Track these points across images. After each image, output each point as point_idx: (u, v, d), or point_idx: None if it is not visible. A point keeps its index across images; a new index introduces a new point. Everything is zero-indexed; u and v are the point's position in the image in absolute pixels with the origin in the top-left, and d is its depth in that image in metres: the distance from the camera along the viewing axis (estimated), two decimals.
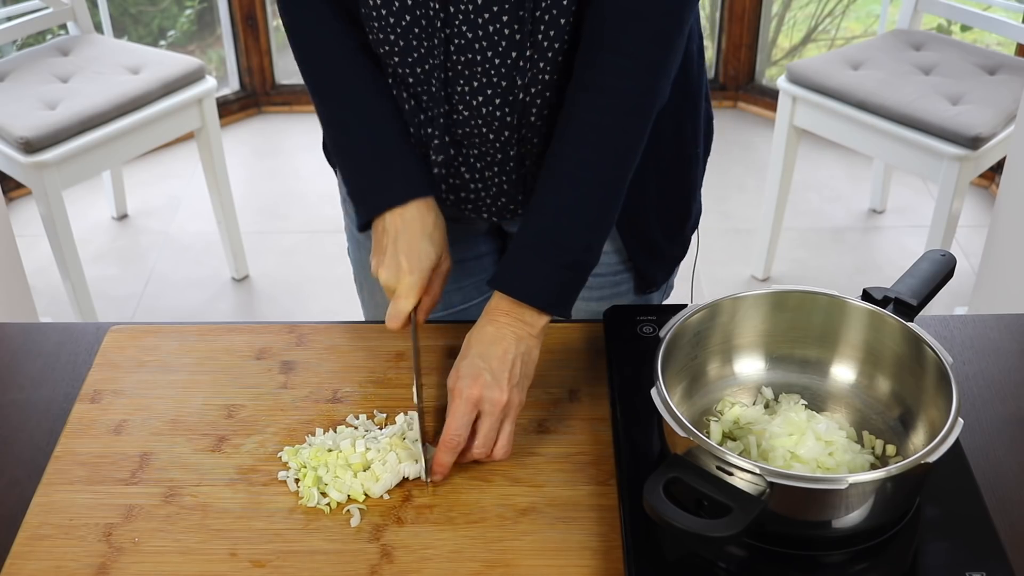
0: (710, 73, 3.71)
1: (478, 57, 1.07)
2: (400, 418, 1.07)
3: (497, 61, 1.07)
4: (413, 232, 1.10)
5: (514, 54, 1.06)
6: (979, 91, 2.48)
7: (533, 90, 1.09)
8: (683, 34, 1.06)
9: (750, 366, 1.07)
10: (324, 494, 0.99)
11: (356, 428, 1.07)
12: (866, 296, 1.04)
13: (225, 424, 1.09)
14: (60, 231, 2.48)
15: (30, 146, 2.37)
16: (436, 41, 1.07)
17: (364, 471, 1.00)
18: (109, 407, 1.11)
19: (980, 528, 0.91)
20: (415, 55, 1.09)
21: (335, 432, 1.06)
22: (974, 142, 2.33)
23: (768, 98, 3.57)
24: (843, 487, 0.82)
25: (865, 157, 3.18)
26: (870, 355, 1.03)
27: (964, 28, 3.56)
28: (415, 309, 1.10)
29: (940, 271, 1.08)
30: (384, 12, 1.07)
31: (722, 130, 3.58)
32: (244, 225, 2.94)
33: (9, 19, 2.80)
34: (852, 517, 0.87)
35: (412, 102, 1.15)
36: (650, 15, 1.02)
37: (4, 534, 0.97)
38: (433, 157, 1.17)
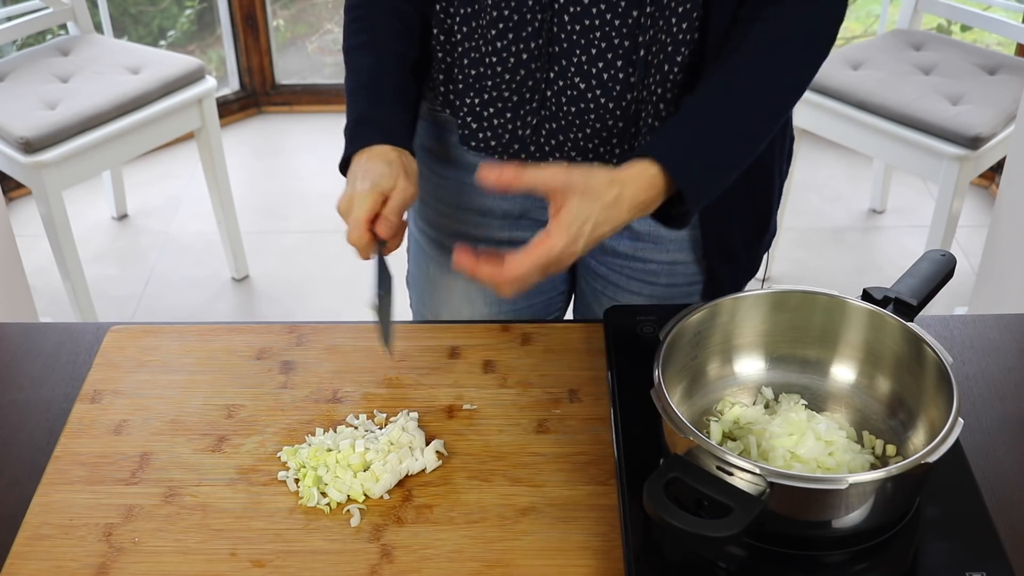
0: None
1: (596, 22, 1.08)
2: (401, 415, 1.07)
3: (618, 23, 1.08)
4: (373, 160, 1.10)
5: (634, 12, 1.07)
6: (979, 91, 2.48)
7: (654, 48, 1.09)
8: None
9: (750, 366, 1.07)
10: (324, 494, 0.99)
11: (356, 428, 1.07)
12: (866, 296, 1.04)
13: (225, 424, 1.09)
14: (60, 231, 2.48)
15: (30, 146, 2.37)
16: (549, 14, 1.09)
17: (364, 471, 1.00)
18: (109, 407, 1.11)
19: (980, 528, 0.91)
20: (527, 31, 1.11)
21: (335, 432, 1.06)
22: (974, 142, 2.33)
23: None
24: (843, 487, 0.82)
25: (865, 157, 3.18)
26: (870, 355, 1.03)
27: (964, 28, 3.56)
28: (376, 235, 1.08)
29: (940, 271, 1.08)
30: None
31: None
32: (244, 225, 2.94)
33: (9, 19, 2.80)
34: (852, 517, 0.87)
35: (522, 88, 1.15)
36: None
37: (4, 534, 0.97)
38: (546, 147, 1.18)
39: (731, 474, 0.84)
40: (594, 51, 1.10)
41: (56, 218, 2.45)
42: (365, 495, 0.99)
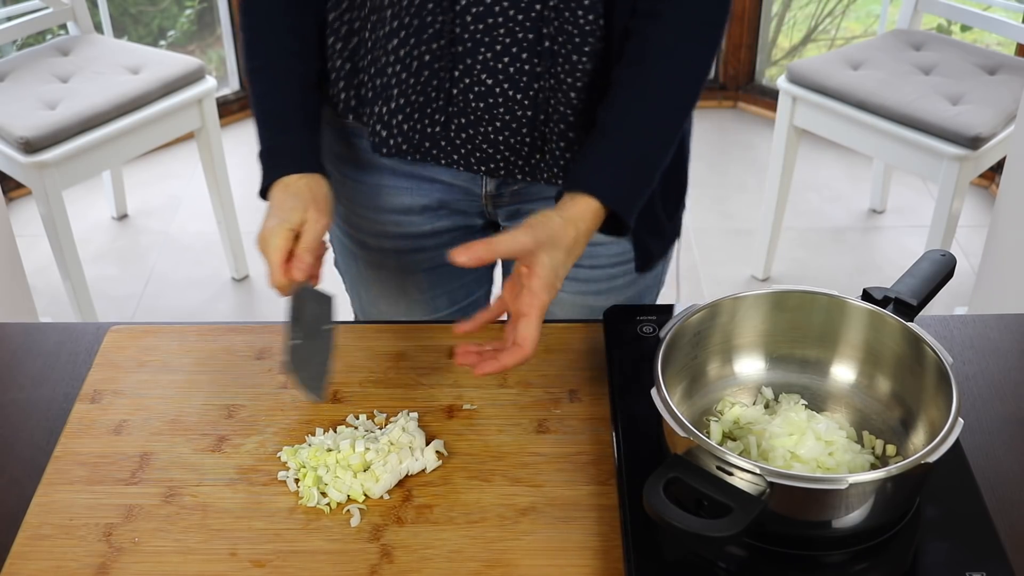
0: (710, 73, 3.71)
1: (499, 19, 1.10)
2: (402, 416, 1.07)
3: (521, 17, 1.10)
4: (282, 194, 1.13)
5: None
6: (979, 91, 2.48)
7: (560, 39, 1.11)
8: None
9: (750, 366, 1.07)
10: (324, 494, 0.99)
11: (356, 428, 1.07)
12: (866, 296, 1.04)
13: (225, 424, 1.09)
14: (60, 231, 2.48)
15: (30, 146, 2.37)
16: (451, 15, 1.11)
17: (364, 471, 1.00)
18: (109, 407, 1.11)
19: (980, 528, 0.91)
20: (428, 32, 1.13)
21: (335, 432, 1.06)
22: (974, 142, 2.33)
23: (768, 98, 3.58)
24: (843, 487, 0.82)
25: (865, 157, 3.18)
26: (870, 355, 1.03)
27: (964, 28, 3.56)
28: (292, 269, 1.09)
29: (940, 271, 1.08)
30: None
31: (722, 130, 3.59)
32: (244, 225, 2.94)
33: (9, 19, 2.80)
34: (852, 517, 0.87)
35: (429, 86, 1.17)
36: None
37: (4, 534, 0.97)
38: (456, 140, 1.20)
39: (731, 474, 0.84)
40: (499, 47, 1.12)
41: (56, 218, 2.45)
42: (365, 495, 0.99)
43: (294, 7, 1.20)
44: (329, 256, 1.20)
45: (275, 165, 1.16)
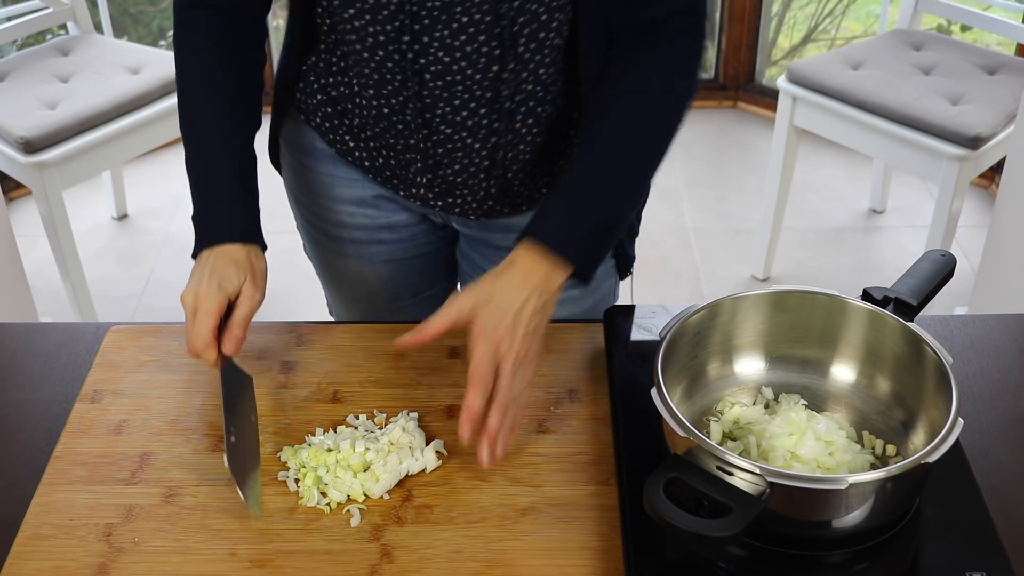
0: (710, 73, 3.72)
1: (457, 78, 1.10)
2: (402, 416, 1.07)
3: (479, 77, 1.09)
4: (220, 259, 1.11)
5: (495, 68, 1.09)
6: (979, 91, 2.48)
7: (517, 98, 1.12)
8: (706, 19, 1.12)
9: (750, 366, 1.07)
10: (324, 494, 0.99)
11: (356, 428, 1.07)
12: (866, 296, 1.04)
13: None
14: (60, 231, 2.48)
15: (30, 146, 2.37)
16: (409, 73, 1.10)
17: (364, 471, 1.00)
18: (109, 407, 1.11)
19: (980, 528, 0.91)
20: (389, 87, 1.13)
21: (335, 432, 1.06)
22: (974, 142, 2.33)
23: (768, 98, 3.57)
24: (843, 487, 0.82)
25: (865, 157, 3.18)
26: (870, 355, 1.03)
27: (964, 28, 3.56)
28: (221, 341, 1.08)
29: (940, 271, 1.08)
30: (358, 47, 1.11)
31: (722, 130, 3.59)
32: None
33: (9, 19, 2.80)
34: (852, 517, 0.87)
35: (391, 132, 1.18)
36: (685, 14, 1.09)
37: (4, 534, 0.97)
38: (418, 179, 1.20)
39: (731, 474, 0.84)
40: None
41: (56, 218, 2.45)
42: (365, 495, 0.99)
43: (229, 63, 1.17)
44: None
45: (215, 232, 1.13)
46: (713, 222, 3.12)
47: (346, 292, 1.44)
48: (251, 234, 1.15)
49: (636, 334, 1.15)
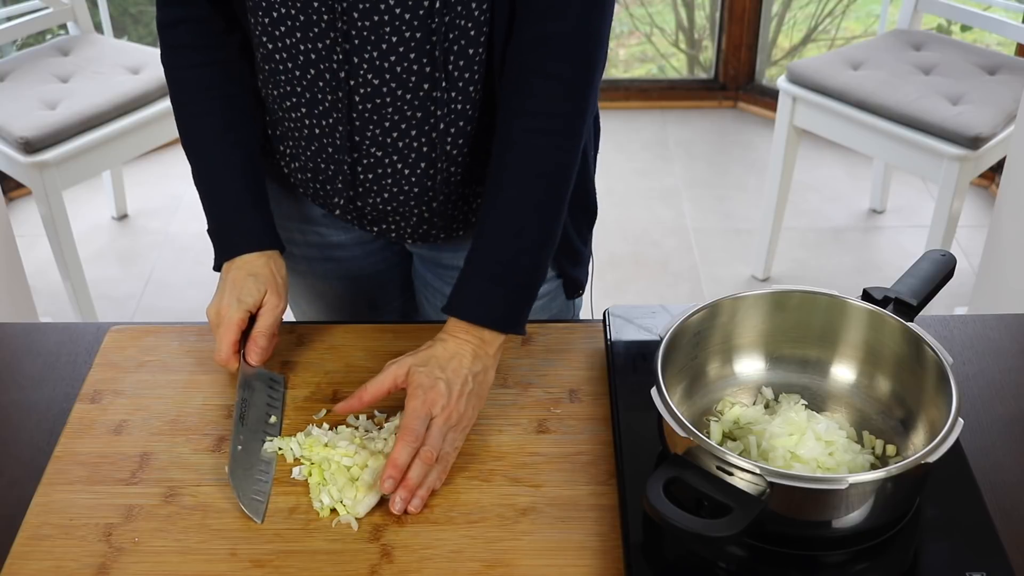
0: (710, 73, 3.72)
1: (388, 99, 1.09)
2: (395, 418, 1.07)
3: (409, 96, 1.09)
4: (239, 272, 1.12)
5: (426, 86, 1.08)
6: (979, 91, 2.48)
7: (449, 118, 1.11)
8: (604, 53, 1.09)
9: (750, 366, 1.07)
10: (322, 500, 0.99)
11: (356, 428, 1.07)
12: (866, 296, 1.04)
13: (225, 424, 1.08)
14: (60, 231, 2.48)
15: (30, 146, 2.37)
16: (340, 94, 1.09)
17: (353, 482, 1.00)
18: (109, 407, 1.11)
19: (980, 528, 0.91)
20: (319, 108, 1.12)
21: (335, 432, 1.06)
22: (974, 142, 2.33)
23: (768, 98, 3.57)
24: (843, 487, 0.82)
25: (865, 157, 3.18)
26: (870, 355, 1.03)
27: (964, 28, 3.56)
28: (244, 351, 1.10)
29: (940, 271, 1.08)
30: (290, 65, 1.10)
31: (722, 130, 3.59)
32: None
33: (9, 19, 2.80)
34: (852, 517, 0.87)
35: (320, 156, 1.17)
36: (571, 40, 1.05)
37: (4, 534, 0.97)
38: (349, 206, 1.19)
39: (731, 474, 0.84)
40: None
41: (56, 218, 2.45)
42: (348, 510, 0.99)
43: (222, 76, 1.17)
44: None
45: (231, 245, 1.14)
46: (713, 222, 3.12)
47: (304, 307, 1.43)
48: (266, 241, 1.15)
49: (636, 334, 1.15)
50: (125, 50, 2.75)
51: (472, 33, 1.05)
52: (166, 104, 2.59)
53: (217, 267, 1.16)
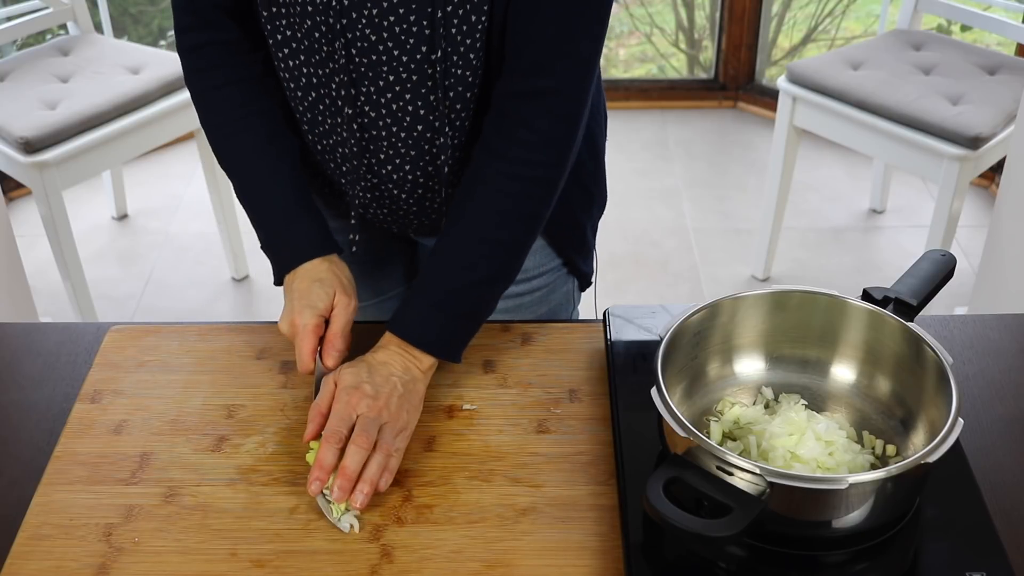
0: (710, 73, 3.72)
1: (383, 132, 1.11)
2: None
3: (404, 135, 1.11)
4: (304, 281, 1.12)
5: (419, 127, 1.10)
6: (979, 91, 2.48)
7: (450, 152, 1.12)
8: (586, 113, 1.10)
9: (750, 366, 1.07)
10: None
11: None
12: (866, 296, 1.04)
13: (225, 424, 1.09)
14: (60, 231, 2.48)
15: (30, 146, 2.37)
16: (340, 119, 1.11)
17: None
18: (109, 407, 1.11)
19: (980, 528, 0.91)
20: (323, 128, 1.14)
21: None
22: (974, 142, 2.33)
23: (768, 98, 3.57)
24: (843, 487, 0.82)
25: (865, 157, 3.18)
26: (870, 355, 1.03)
27: (964, 28, 3.56)
28: (321, 352, 1.10)
29: (940, 271, 1.08)
30: (292, 87, 1.12)
31: (722, 130, 3.59)
32: (244, 225, 2.93)
33: (9, 19, 2.80)
34: (852, 517, 0.87)
35: (331, 164, 1.18)
36: (556, 97, 1.06)
37: (4, 534, 0.97)
38: (357, 200, 1.19)
39: (731, 474, 0.84)
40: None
41: (56, 218, 2.45)
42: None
43: (253, 91, 1.16)
44: None
45: (289, 257, 1.14)
46: (713, 222, 3.12)
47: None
48: (323, 246, 1.15)
49: (636, 334, 1.15)
50: (125, 50, 2.75)
51: (469, 79, 1.07)
52: (166, 104, 2.59)
53: (278, 281, 1.16)
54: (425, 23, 1.03)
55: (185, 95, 2.62)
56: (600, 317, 1.20)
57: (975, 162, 2.37)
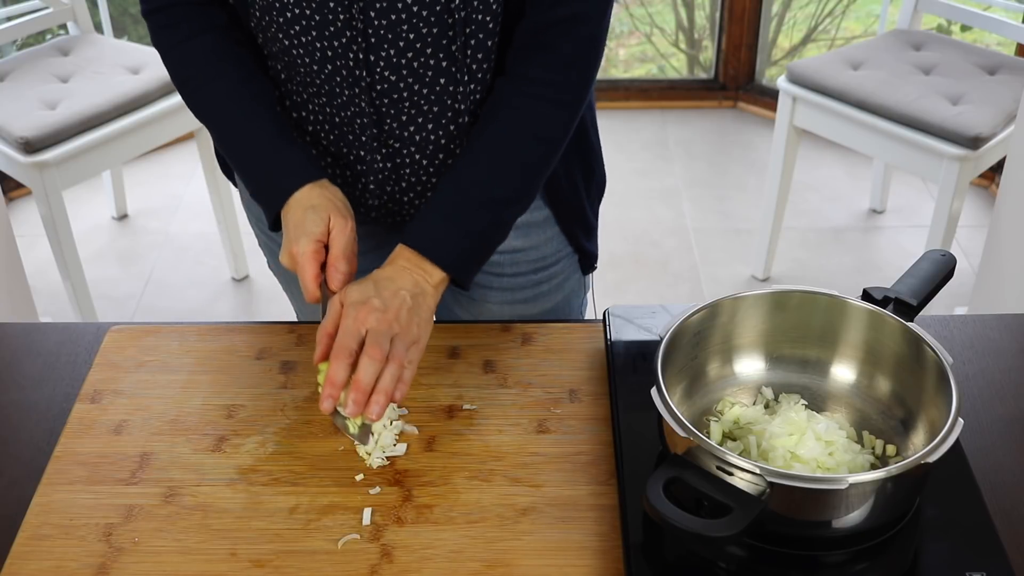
0: (710, 73, 3.72)
1: (405, 94, 1.10)
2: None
3: (426, 91, 1.10)
4: (297, 211, 1.10)
5: (442, 80, 1.09)
6: (979, 91, 2.48)
7: (471, 108, 1.12)
8: (606, 35, 1.10)
9: (750, 366, 1.07)
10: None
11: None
12: (866, 296, 1.04)
13: (225, 424, 1.09)
14: (60, 231, 2.48)
15: (30, 146, 2.37)
16: (358, 89, 1.10)
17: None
18: (109, 407, 1.11)
19: (980, 528, 0.91)
20: (340, 100, 1.13)
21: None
22: (974, 142, 2.33)
23: (768, 98, 3.57)
24: (843, 487, 0.82)
25: (865, 157, 3.18)
26: (870, 355, 1.03)
27: (964, 28, 3.56)
28: (326, 279, 1.08)
29: (940, 271, 1.08)
30: (307, 60, 1.10)
31: (722, 130, 3.59)
32: (244, 225, 2.94)
33: (9, 19, 2.80)
34: (852, 517, 0.87)
35: (349, 136, 1.17)
36: (577, 20, 1.07)
37: (4, 534, 0.97)
38: (373, 188, 1.19)
39: (731, 474, 0.85)
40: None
41: (56, 218, 2.45)
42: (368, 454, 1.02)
43: (222, 39, 1.15)
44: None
45: (277, 191, 1.12)
46: (713, 222, 3.12)
47: (311, 305, 1.43)
48: (311, 173, 1.12)
49: (636, 334, 1.15)
50: (125, 50, 2.75)
51: (490, 26, 1.06)
52: (166, 104, 2.59)
53: (273, 224, 1.13)
54: None
55: None
56: (600, 317, 1.20)
57: (975, 162, 2.37)
